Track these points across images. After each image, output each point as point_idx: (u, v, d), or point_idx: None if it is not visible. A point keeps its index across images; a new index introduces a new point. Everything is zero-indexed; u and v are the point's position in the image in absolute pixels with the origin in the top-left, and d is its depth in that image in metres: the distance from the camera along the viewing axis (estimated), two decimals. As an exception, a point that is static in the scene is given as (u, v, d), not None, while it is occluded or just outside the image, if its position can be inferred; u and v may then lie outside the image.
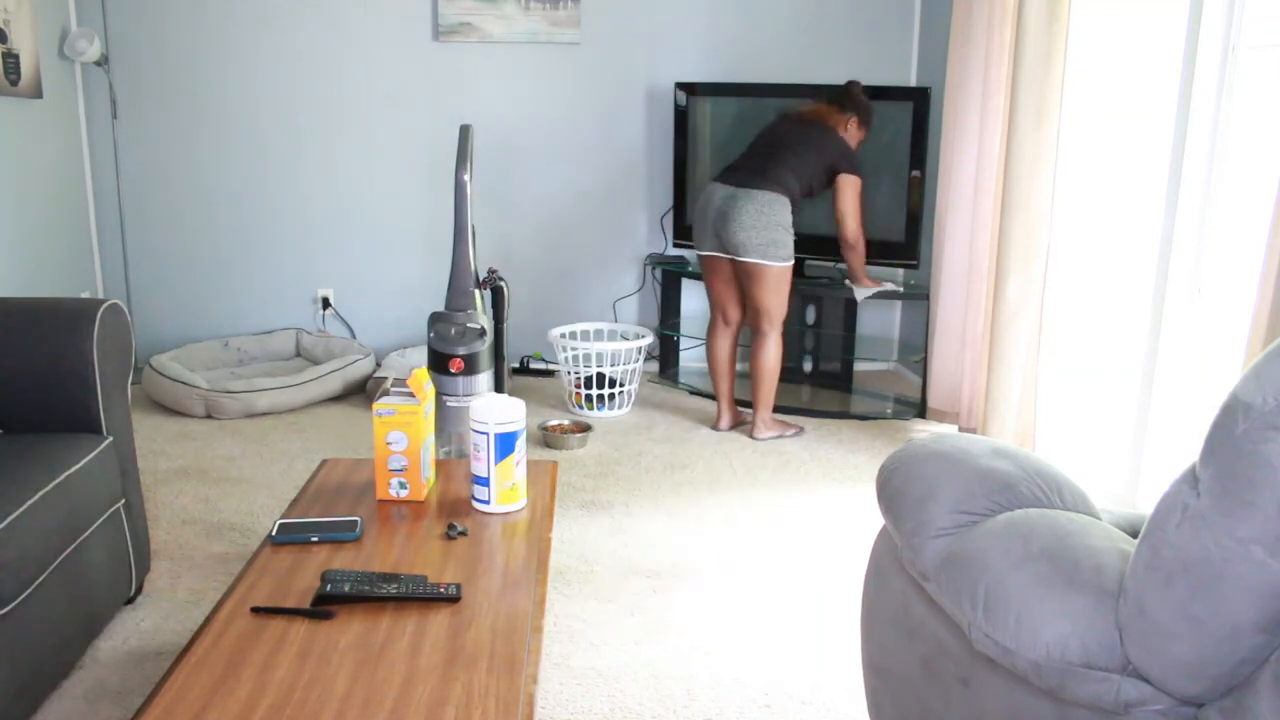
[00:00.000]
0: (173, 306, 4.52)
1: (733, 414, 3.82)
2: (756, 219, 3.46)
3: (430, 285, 4.63)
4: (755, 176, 3.51)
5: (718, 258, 3.64)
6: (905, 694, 1.46)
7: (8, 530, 1.73)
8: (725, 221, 3.51)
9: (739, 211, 3.47)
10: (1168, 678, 1.04)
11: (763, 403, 3.70)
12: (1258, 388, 0.96)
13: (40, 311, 2.16)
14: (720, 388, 3.80)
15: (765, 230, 3.46)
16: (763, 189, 3.48)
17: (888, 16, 4.52)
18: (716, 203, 3.55)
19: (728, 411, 3.81)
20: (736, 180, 3.54)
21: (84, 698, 2.00)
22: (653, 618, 2.38)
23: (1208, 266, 2.78)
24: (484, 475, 1.97)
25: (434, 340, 2.98)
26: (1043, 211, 3.24)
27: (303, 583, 1.66)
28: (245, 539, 2.78)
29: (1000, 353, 3.39)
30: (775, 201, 3.48)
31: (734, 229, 3.48)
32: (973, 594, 1.23)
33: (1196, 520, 1.00)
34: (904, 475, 1.45)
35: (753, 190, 3.48)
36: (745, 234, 3.47)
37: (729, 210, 3.50)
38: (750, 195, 3.48)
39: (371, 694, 1.35)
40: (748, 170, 3.55)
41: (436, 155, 4.50)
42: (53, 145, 4.05)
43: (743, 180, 3.52)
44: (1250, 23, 2.61)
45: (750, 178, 3.51)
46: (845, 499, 3.16)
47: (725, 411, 3.81)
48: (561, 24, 4.38)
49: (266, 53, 4.34)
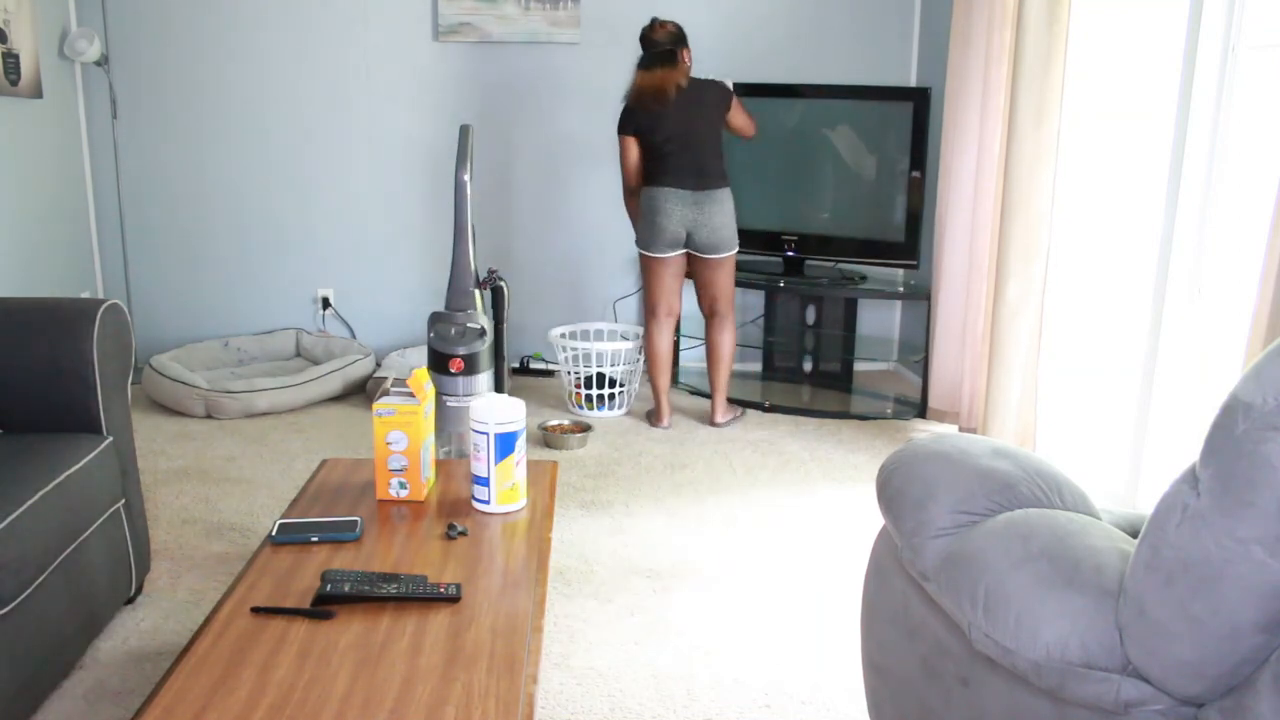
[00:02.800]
0: (173, 306, 4.52)
1: (670, 408, 3.95)
2: (725, 218, 3.67)
3: (430, 285, 4.63)
4: (705, 176, 3.64)
5: (672, 256, 3.74)
6: (905, 694, 1.46)
7: (8, 530, 1.73)
8: (698, 225, 3.65)
9: (709, 217, 3.64)
10: (1168, 678, 1.04)
11: (723, 388, 3.85)
12: (1258, 388, 0.96)
13: (40, 311, 2.16)
14: (660, 383, 3.87)
15: (729, 226, 3.69)
16: (717, 186, 3.65)
17: (888, 17, 4.51)
18: (678, 210, 3.64)
19: (668, 406, 3.90)
20: (691, 184, 3.63)
21: (84, 698, 2.00)
22: (653, 618, 2.38)
23: (1208, 266, 2.78)
24: (484, 475, 1.97)
25: (434, 340, 2.98)
26: (1043, 211, 3.24)
27: (303, 583, 1.66)
28: (245, 539, 2.78)
29: (1000, 353, 3.39)
30: (730, 196, 3.69)
31: (706, 234, 3.66)
32: (973, 594, 1.23)
33: (1196, 520, 1.00)
34: (904, 475, 1.45)
35: (712, 191, 3.64)
36: (717, 235, 3.67)
37: (699, 216, 3.64)
38: (712, 197, 3.64)
39: (371, 694, 1.35)
40: (693, 172, 3.63)
41: (436, 155, 4.50)
42: (53, 145, 4.05)
43: (697, 183, 3.63)
44: (1250, 23, 2.61)
45: (702, 179, 3.63)
46: (845, 499, 3.16)
47: (666, 406, 3.88)
48: (561, 24, 4.38)
49: (266, 53, 4.34)
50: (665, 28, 3.61)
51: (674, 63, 3.59)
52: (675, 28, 3.62)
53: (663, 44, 3.60)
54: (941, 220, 3.78)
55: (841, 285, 4.13)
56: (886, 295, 4.10)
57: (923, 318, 4.29)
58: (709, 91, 3.63)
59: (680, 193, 3.63)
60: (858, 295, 4.12)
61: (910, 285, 4.25)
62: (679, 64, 3.61)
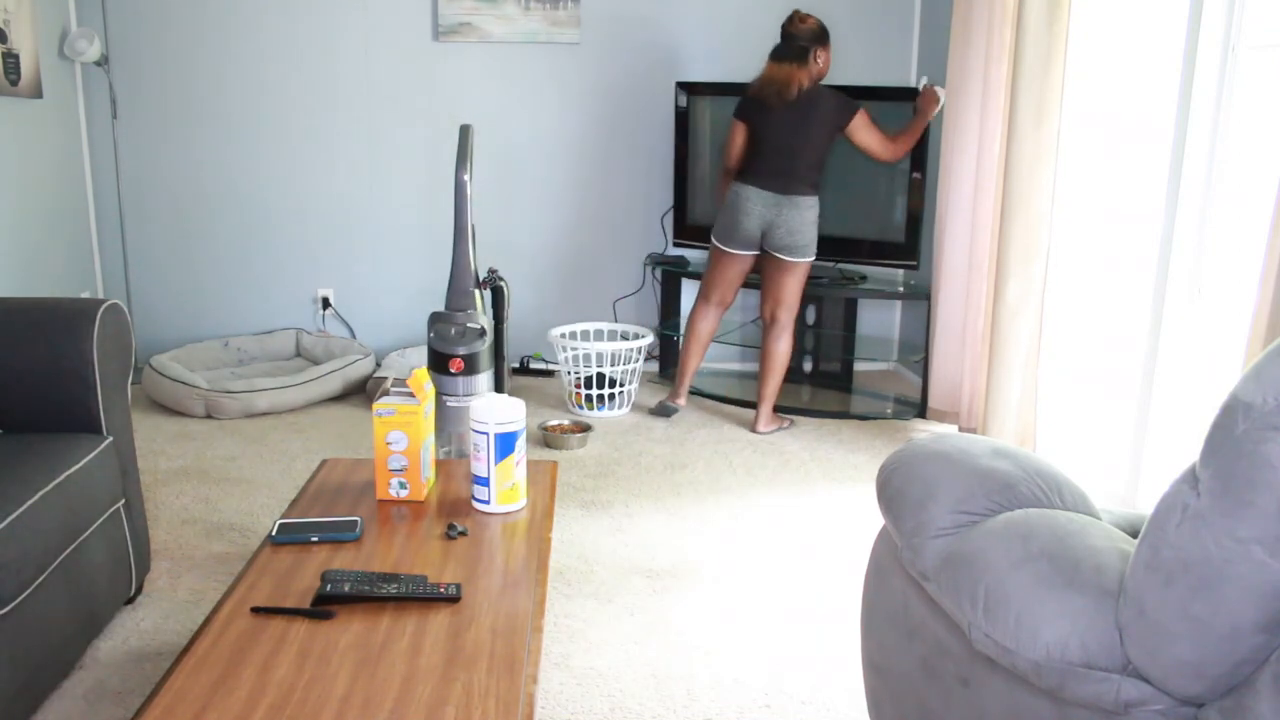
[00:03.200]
0: (173, 306, 4.52)
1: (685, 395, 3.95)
2: (802, 224, 3.65)
3: (430, 285, 4.63)
4: (791, 181, 3.64)
5: (744, 254, 3.75)
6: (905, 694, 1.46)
7: (8, 530, 1.73)
8: (773, 228, 3.66)
9: (786, 219, 3.64)
10: (1168, 678, 1.04)
11: (770, 396, 3.80)
12: (1258, 388, 0.96)
13: (40, 311, 2.16)
14: (690, 364, 3.88)
15: (807, 231, 3.67)
16: (801, 194, 3.64)
17: (888, 16, 4.51)
18: (759, 209, 3.66)
19: (685, 390, 3.91)
20: (774, 186, 3.65)
21: (84, 698, 2.00)
22: (653, 618, 2.38)
23: (1208, 266, 2.78)
24: (484, 475, 1.97)
25: (434, 340, 2.98)
26: (1043, 212, 3.24)
27: (303, 583, 1.66)
28: (245, 539, 2.78)
29: (1000, 353, 3.39)
30: (815, 204, 3.68)
31: (783, 234, 3.65)
32: (973, 594, 1.23)
33: (1196, 520, 1.00)
34: (904, 475, 1.45)
35: (795, 196, 3.63)
36: (793, 238, 3.66)
37: (776, 219, 3.65)
38: (794, 202, 3.63)
39: (371, 694, 1.35)
40: (781, 175, 3.64)
41: (436, 155, 4.50)
42: (53, 145, 4.05)
43: (781, 186, 3.64)
44: (1250, 23, 2.61)
45: (787, 183, 3.64)
46: (845, 499, 3.16)
47: (684, 388, 3.90)
48: (561, 24, 4.38)
49: (266, 52, 4.34)
50: (806, 22, 3.57)
51: (804, 60, 3.58)
52: (816, 24, 3.59)
53: (800, 39, 3.58)
54: (941, 220, 3.78)
55: (842, 285, 4.13)
56: (886, 295, 4.10)
57: (923, 318, 4.29)
58: (827, 101, 3.60)
59: (763, 194, 3.65)
60: (858, 295, 4.12)
61: (910, 285, 4.25)
62: (809, 62, 3.58)
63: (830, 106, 3.61)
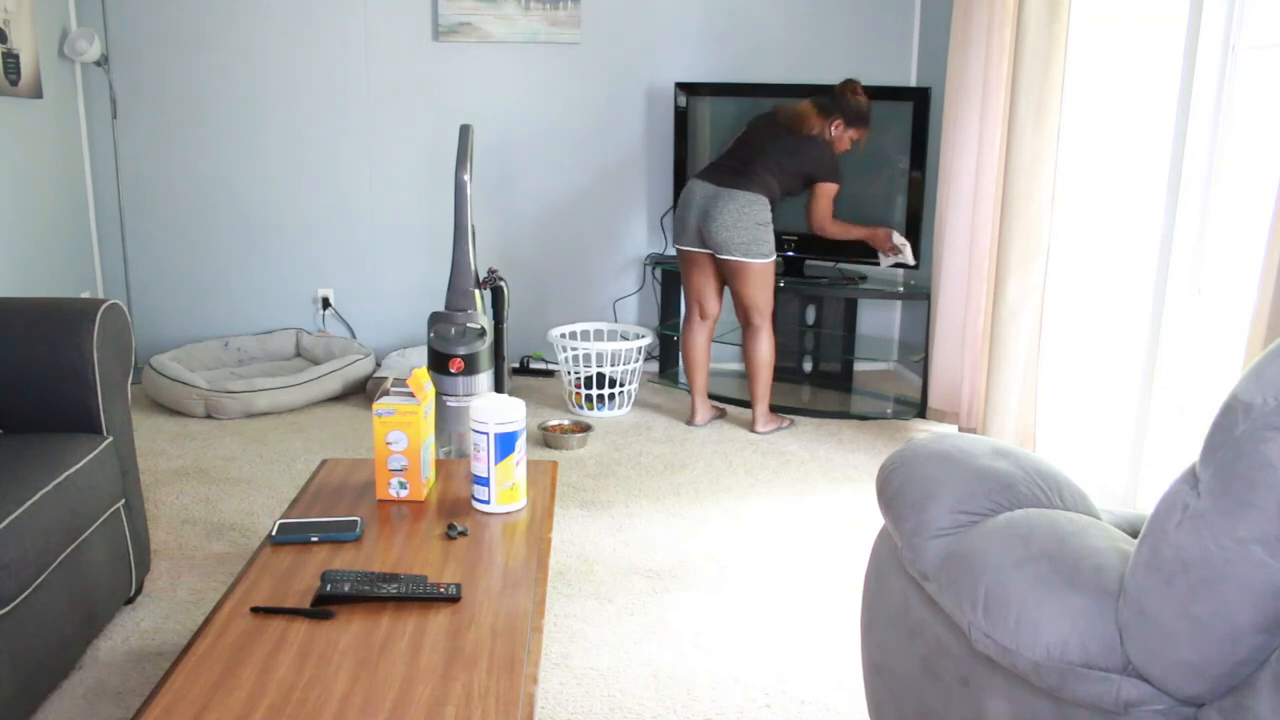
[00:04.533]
0: (173, 306, 4.52)
1: (708, 408, 3.90)
2: (737, 218, 3.55)
3: (430, 285, 4.63)
4: (736, 176, 3.59)
5: (697, 252, 3.71)
6: (905, 694, 1.46)
7: (8, 530, 1.73)
8: (707, 220, 3.60)
9: (720, 211, 3.56)
10: (1168, 678, 1.04)
11: (762, 396, 3.78)
12: (1258, 388, 0.96)
13: (40, 311, 2.16)
14: (697, 382, 3.87)
15: (746, 229, 3.56)
16: (743, 189, 3.57)
17: (888, 16, 4.51)
18: (698, 200, 3.63)
19: (702, 406, 3.88)
20: (718, 179, 3.62)
21: (84, 698, 2.00)
22: (653, 618, 2.38)
23: (1208, 266, 2.78)
24: (484, 475, 1.97)
25: (434, 340, 2.98)
26: (1043, 211, 3.24)
27: (303, 583, 1.66)
28: (245, 539, 2.78)
29: (1000, 353, 3.39)
30: (755, 201, 3.57)
31: (715, 227, 3.57)
32: (973, 594, 1.23)
33: (1196, 520, 1.00)
34: (904, 475, 1.45)
35: (734, 190, 3.57)
36: (727, 233, 3.56)
37: (710, 209, 3.59)
38: (731, 195, 3.56)
39: (371, 694, 1.35)
40: (729, 170, 3.62)
41: (436, 155, 4.50)
42: (53, 145, 4.05)
43: (724, 179, 3.60)
44: (1250, 23, 2.61)
45: (731, 177, 3.60)
46: (845, 499, 3.16)
47: (700, 406, 3.88)
48: (561, 24, 4.38)
49: (266, 53, 4.34)
50: (854, 95, 3.65)
51: (827, 115, 3.64)
52: (860, 104, 3.65)
53: (837, 100, 3.65)
54: (941, 220, 3.78)
55: (841, 285, 4.13)
56: (886, 295, 4.10)
57: (923, 318, 4.29)
58: (822, 151, 3.63)
59: (704, 185, 3.63)
60: (858, 295, 4.12)
61: (910, 285, 4.24)
62: (828, 119, 3.63)
63: (819, 156, 3.63)
